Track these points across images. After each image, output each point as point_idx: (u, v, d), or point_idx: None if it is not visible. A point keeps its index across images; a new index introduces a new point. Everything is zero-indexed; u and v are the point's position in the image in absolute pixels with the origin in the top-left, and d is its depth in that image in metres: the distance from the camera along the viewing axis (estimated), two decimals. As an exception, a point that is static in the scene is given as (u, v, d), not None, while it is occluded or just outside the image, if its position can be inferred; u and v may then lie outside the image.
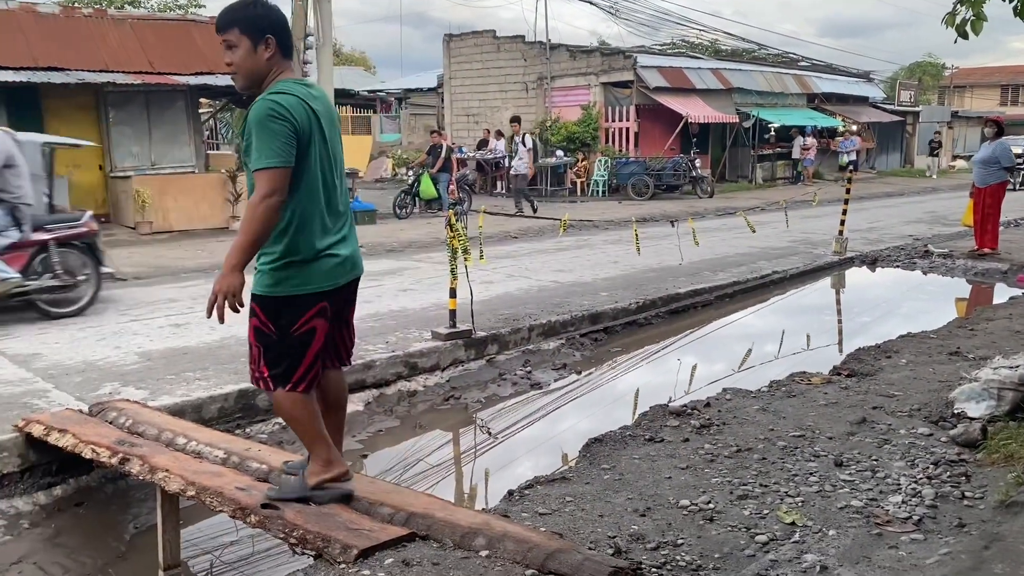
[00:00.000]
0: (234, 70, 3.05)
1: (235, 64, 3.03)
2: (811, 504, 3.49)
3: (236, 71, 3.04)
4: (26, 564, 3.73)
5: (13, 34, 13.16)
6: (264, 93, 2.99)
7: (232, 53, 3.02)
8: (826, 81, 29.19)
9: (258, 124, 2.90)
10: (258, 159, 2.90)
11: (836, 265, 11.04)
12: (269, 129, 2.89)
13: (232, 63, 3.04)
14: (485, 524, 3.02)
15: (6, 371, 5.44)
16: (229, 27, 3.02)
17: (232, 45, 3.02)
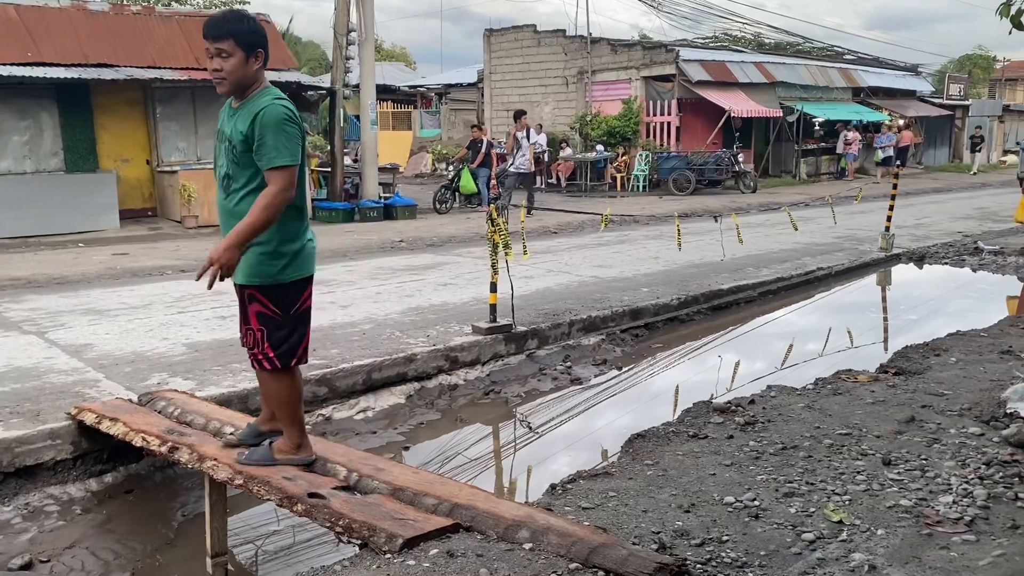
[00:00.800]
0: (223, 76, 3.27)
1: (225, 71, 3.26)
2: (859, 503, 3.43)
3: (225, 77, 3.27)
4: (79, 549, 3.81)
5: (64, 32, 13.46)
6: (268, 98, 3.27)
7: (224, 61, 3.25)
8: (872, 75, 28.66)
9: (276, 126, 3.19)
10: (277, 157, 3.19)
11: (882, 262, 10.84)
12: (285, 131, 3.21)
13: (222, 70, 3.26)
14: (529, 517, 3.02)
15: (59, 361, 5.57)
16: (224, 37, 3.25)
17: (226, 54, 3.24)
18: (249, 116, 3.24)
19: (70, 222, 12.76)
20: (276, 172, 3.19)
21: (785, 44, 30.78)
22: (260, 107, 3.23)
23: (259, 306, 3.35)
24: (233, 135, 3.28)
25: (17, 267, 9.59)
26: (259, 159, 3.21)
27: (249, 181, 3.29)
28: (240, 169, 3.29)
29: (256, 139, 3.20)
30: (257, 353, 3.40)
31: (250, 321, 3.38)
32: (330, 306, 7.31)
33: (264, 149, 3.19)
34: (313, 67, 36.53)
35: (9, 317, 6.93)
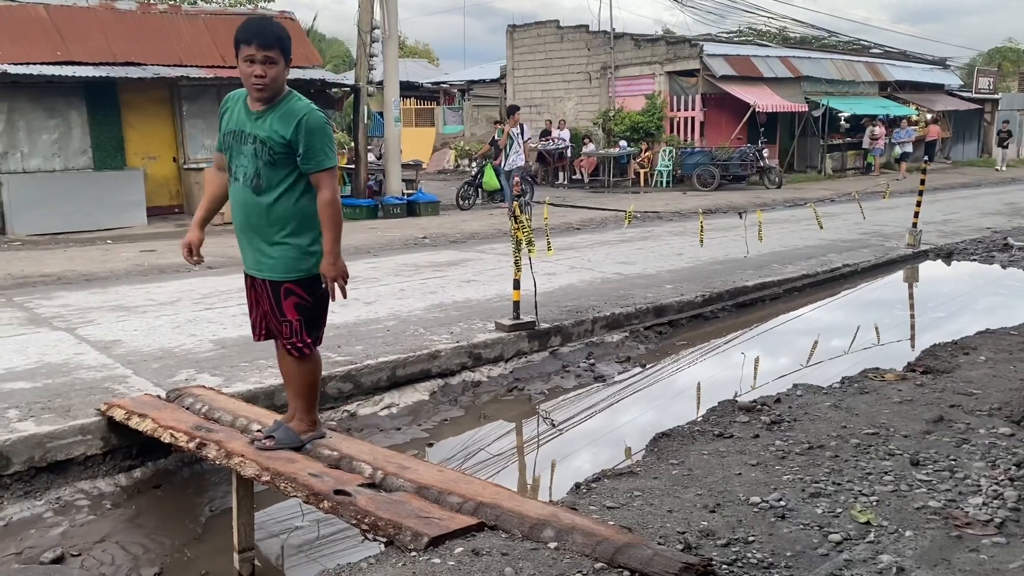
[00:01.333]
0: (266, 83, 3.36)
1: (270, 78, 3.36)
2: (886, 504, 3.40)
3: (268, 83, 3.36)
4: (109, 543, 3.87)
5: (93, 31, 13.62)
6: (302, 103, 3.44)
7: (270, 68, 3.35)
8: (899, 68, 28.31)
9: (320, 131, 3.40)
10: (326, 160, 3.42)
11: (909, 258, 10.72)
12: (328, 135, 3.45)
13: (266, 76, 3.35)
14: (553, 516, 3.02)
15: (88, 357, 5.65)
16: (274, 46, 3.36)
17: (273, 62, 3.36)
18: (290, 120, 3.38)
19: (99, 219, 12.92)
20: (326, 173, 3.43)
21: (811, 38, 30.48)
22: (300, 113, 3.39)
23: (296, 298, 3.54)
24: (271, 137, 3.38)
25: (48, 264, 9.73)
26: (307, 163, 3.41)
27: (283, 181, 3.44)
28: (274, 170, 3.42)
29: (303, 145, 3.37)
30: (296, 342, 3.59)
31: (286, 314, 3.56)
32: (354, 302, 7.34)
33: (312, 153, 3.39)
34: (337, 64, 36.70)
35: (40, 313, 7.04)
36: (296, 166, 3.43)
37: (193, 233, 3.74)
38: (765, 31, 31.58)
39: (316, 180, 3.43)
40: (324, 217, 3.45)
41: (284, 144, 3.37)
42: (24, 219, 12.40)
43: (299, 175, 3.45)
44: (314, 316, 3.63)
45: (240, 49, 3.37)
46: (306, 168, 3.42)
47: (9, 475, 4.10)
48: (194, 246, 3.74)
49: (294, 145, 3.38)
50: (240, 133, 3.47)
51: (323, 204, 3.44)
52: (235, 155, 3.51)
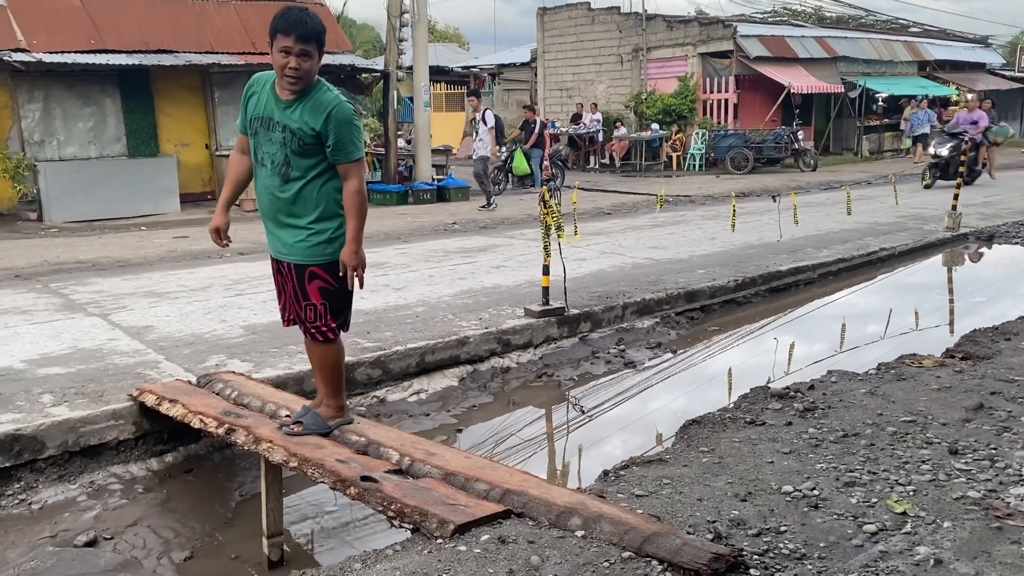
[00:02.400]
0: (300, 76, 3.35)
1: (304, 71, 3.36)
2: (924, 494, 3.31)
3: (302, 77, 3.36)
4: (141, 527, 3.90)
5: (127, 19, 13.74)
6: (331, 94, 3.44)
7: (305, 61, 3.35)
8: (939, 47, 27.64)
9: (348, 122, 3.41)
10: (355, 151, 3.45)
11: (948, 242, 10.48)
12: (356, 126, 3.47)
13: (300, 69, 3.34)
14: (581, 504, 2.98)
15: (121, 342, 5.71)
16: (312, 40, 3.37)
17: (309, 55, 3.36)
18: (319, 112, 3.38)
19: (133, 206, 13.08)
20: (354, 164, 3.47)
21: (847, 17, 29.88)
22: (329, 104, 3.39)
23: (321, 282, 3.56)
24: (301, 128, 3.39)
25: (83, 250, 9.86)
26: (337, 154, 3.43)
27: (310, 170, 3.47)
28: (302, 159, 3.45)
29: (332, 136, 3.39)
30: (320, 326, 3.61)
31: (311, 298, 3.58)
32: (384, 288, 7.35)
33: (342, 145, 3.41)
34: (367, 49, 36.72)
35: (75, 300, 7.13)
36: (324, 155, 3.45)
37: (220, 217, 3.78)
38: (800, 11, 31.02)
39: (344, 171, 3.46)
40: (349, 206, 3.47)
41: (313, 135, 3.40)
42: (60, 206, 12.58)
43: (326, 162, 3.47)
44: (339, 301, 3.63)
45: (277, 38, 3.35)
46: (335, 159, 3.45)
47: (44, 459, 4.16)
48: (222, 230, 3.79)
49: (323, 136, 3.40)
50: (268, 120, 3.47)
51: (350, 194, 3.47)
52: (262, 141, 3.52)
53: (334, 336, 3.66)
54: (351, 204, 3.47)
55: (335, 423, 3.79)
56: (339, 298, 3.62)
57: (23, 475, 4.11)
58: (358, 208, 3.48)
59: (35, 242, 10.77)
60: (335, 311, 3.62)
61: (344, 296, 3.64)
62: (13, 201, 12.97)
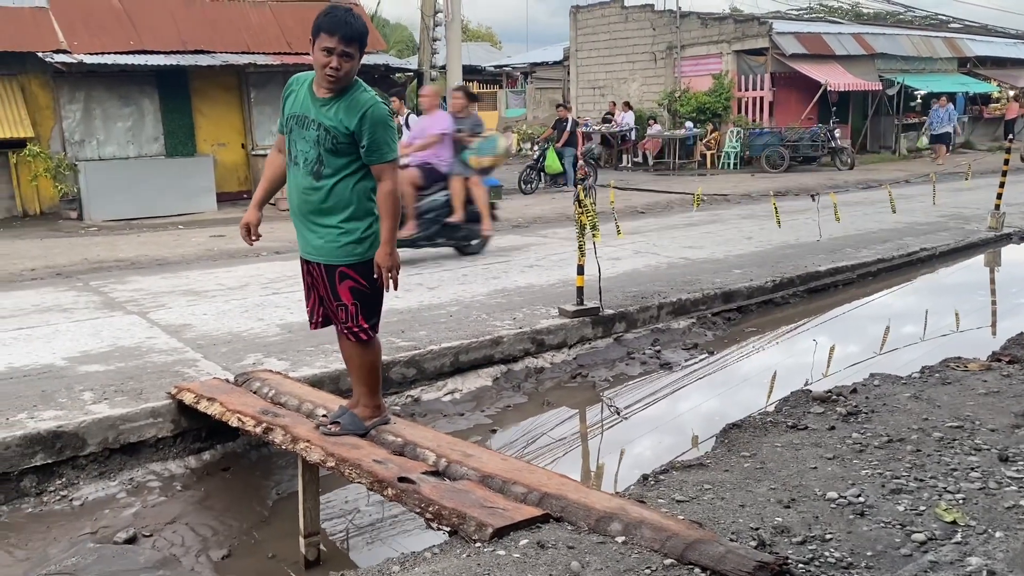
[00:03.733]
0: (340, 76, 3.36)
1: (344, 72, 3.36)
2: (973, 502, 3.22)
3: (342, 77, 3.37)
4: (179, 524, 3.93)
5: (165, 20, 13.92)
6: (368, 94, 3.44)
7: (346, 62, 3.35)
8: (980, 43, 27.07)
9: (383, 123, 3.41)
10: (388, 152, 3.44)
11: (991, 242, 10.25)
12: (391, 127, 3.47)
13: (341, 70, 3.34)
14: (621, 509, 2.94)
15: (159, 341, 5.76)
16: (354, 40, 3.36)
17: (351, 57, 3.36)
18: (355, 112, 3.38)
19: (170, 205, 13.24)
20: (388, 165, 3.45)
21: (885, 14, 29.41)
22: (365, 104, 3.39)
23: (351, 282, 3.54)
24: (336, 127, 3.39)
25: (122, 249, 10.00)
26: (371, 155, 3.43)
27: (343, 168, 3.46)
28: (335, 157, 3.44)
29: (367, 136, 3.39)
30: (352, 326, 3.60)
31: (342, 298, 3.56)
32: (417, 287, 7.35)
33: (376, 145, 3.41)
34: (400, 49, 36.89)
35: (115, 298, 7.22)
36: (357, 154, 3.44)
37: (251, 213, 3.79)
38: (837, 7, 30.59)
39: (378, 172, 3.46)
40: (383, 208, 3.46)
41: (347, 134, 3.39)
42: (100, 205, 12.77)
43: (359, 162, 3.46)
44: (371, 301, 3.61)
45: (320, 37, 3.34)
46: (369, 160, 3.44)
47: (84, 456, 4.20)
48: (252, 226, 3.79)
49: (358, 136, 3.39)
50: (304, 118, 3.48)
51: (383, 195, 3.46)
52: (296, 139, 3.52)
53: (367, 337, 3.64)
54: (385, 205, 3.46)
55: (372, 423, 3.78)
56: (371, 298, 3.60)
57: (65, 471, 4.16)
58: (392, 209, 3.46)
59: (75, 240, 10.94)
60: (367, 312, 3.61)
61: (376, 296, 3.62)
62: (54, 200, 13.21)
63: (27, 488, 4.06)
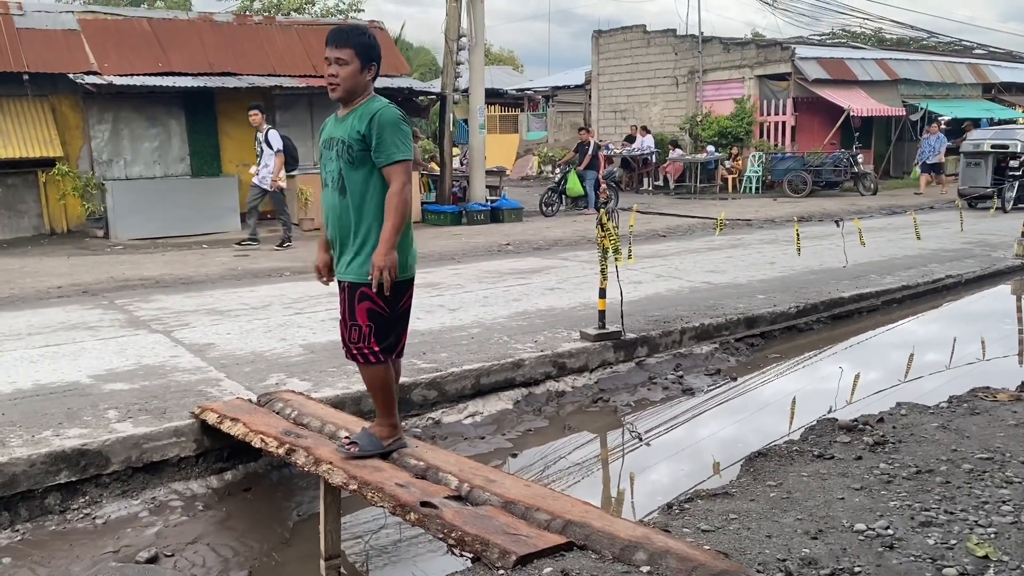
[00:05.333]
0: (337, 82, 3.49)
1: (340, 78, 3.49)
2: (1006, 536, 3.16)
3: (339, 83, 3.50)
4: (200, 544, 3.93)
5: (192, 42, 14.13)
6: (381, 103, 3.51)
7: (340, 67, 3.48)
8: (1005, 69, 26.95)
9: (392, 125, 3.44)
10: (397, 152, 3.45)
11: (1018, 269, 10.13)
12: (402, 130, 3.48)
13: (337, 76, 3.49)
14: (645, 538, 2.91)
15: (183, 360, 5.79)
16: (344, 46, 3.49)
17: (343, 62, 3.48)
18: (365, 117, 3.47)
19: (195, 224, 13.37)
20: (395, 167, 3.45)
21: (908, 39, 29.34)
22: (375, 109, 3.48)
23: (370, 303, 3.53)
24: (349, 136, 3.48)
25: (147, 268, 10.09)
26: (378, 156, 3.45)
27: (365, 182, 3.52)
28: (354, 170, 3.50)
29: (375, 138, 3.44)
30: (363, 347, 3.58)
31: (356, 318, 3.56)
32: (439, 309, 7.36)
33: (383, 146, 3.44)
34: (424, 72, 37.20)
35: (139, 316, 7.28)
36: (375, 167, 3.49)
37: (321, 255, 3.85)
38: (860, 33, 30.56)
39: (387, 173, 3.46)
40: (389, 207, 3.44)
41: (360, 140, 3.45)
42: (126, 224, 12.92)
43: (380, 178, 3.49)
44: (386, 324, 3.58)
45: (325, 54, 3.54)
46: (378, 160, 3.46)
47: (108, 474, 4.22)
48: (323, 267, 3.85)
49: (368, 140, 3.44)
50: (329, 140, 3.61)
51: (390, 194, 3.45)
52: (324, 162, 3.63)
53: (375, 359, 3.60)
54: (391, 204, 3.43)
55: (388, 444, 3.77)
56: (386, 322, 3.57)
57: (88, 489, 4.18)
58: (397, 209, 3.42)
59: (102, 259, 11.07)
60: (380, 334, 3.57)
61: (392, 320, 3.59)
62: (82, 218, 13.39)
63: (51, 506, 4.08)
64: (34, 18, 13.33)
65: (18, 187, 13.22)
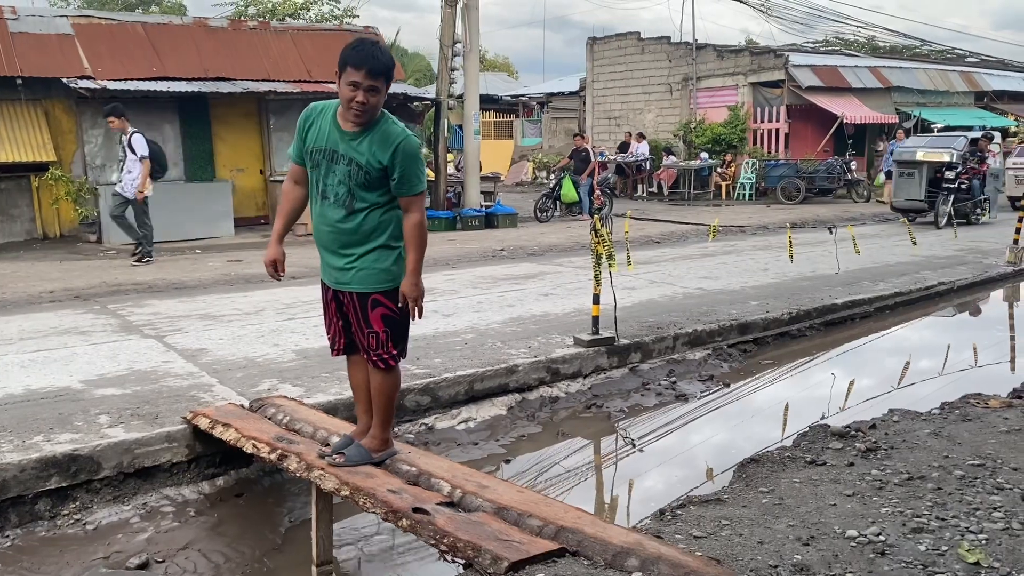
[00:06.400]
0: (367, 109, 3.37)
1: (372, 106, 3.37)
2: (996, 543, 3.17)
3: (370, 110, 3.38)
4: (191, 550, 3.91)
5: (186, 47, 14.12)
6: (397, 127, 3.47)
7: (373, 96, 3.35)
8: (997, 78, 27.11)
9: (415, 158, 3.46)
10: (419, 184, 3.49)
11: (1010, 276, 10.18)
12: (421, 160, 3.52)
13: (368, 104, 3.35)
14: (638, 544, 2.91)
15: (176, 365, 5.78)
16: (381, 74, 3.36)
17: (377, 91, 3.36)
18: (387, 146, 3.40)
19: (189, 229, 13.33)
20: (416, 198, 3.50)
21: (901, 47, 29.49)
22: (397, 138, 3.42)
23: (384, 309, 3.55)
24: (369, 162, 3.40)
25: (140, 273, 10.07)
26: (401, 187, 3.45)
27: (374, 201, 3.48)
28: (366, 191, 3.46)
29: (399, 170, 3.42)
30: (383, 353, 3.59)
31: (373, 325, 3.56)
32: (433, 315, 7.35)
33: (407, 179, 3.44)
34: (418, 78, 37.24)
35: (132, 321, 7.26)
36: (387, 187, 3.45)
37: (274, 249, 3.73)
38: (853, 40, 30.71)
39: (407, 203, 3.48)
40: (410, 239, 3.48)
41: (380, 168, 3.41)
42: (119, 229, 12.85)
43: (389, 193, 3.48)
44: (400, 327, 3.62)
45: (347, 71, 3.32)
46: (399, 192, 3.46)
47: (99, 480, 4.20)
48: (279, 262, 3.75)
49: (390, 170, 3.41)
50: (332, 152, 3.45)
51: (411, 226, 3.48)
52: (325, 173, 3.48)
53: (395, 363, 3.63)
54: (412, 236, 3.48)
55: (379, 456, 3.73)
56: (400, 325, 3.61)
57: (79, 495, 4.16)
58: (419, 240, 3.48)
59: (94, 263, 11.03)
60: (396, 338, 3.61)
61: (405, 323, 3.64)
62: (74, 223, 13.34)
63: (41, 511, 4.06)
64: (28, 22, 13.30)
65: (11, 191, 13.17)
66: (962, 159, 14.26)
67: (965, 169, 14.24)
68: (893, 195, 15.34)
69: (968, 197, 14.48)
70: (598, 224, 6.24)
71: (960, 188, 14.23)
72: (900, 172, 14.90)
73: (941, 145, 14.85)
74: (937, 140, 15.65)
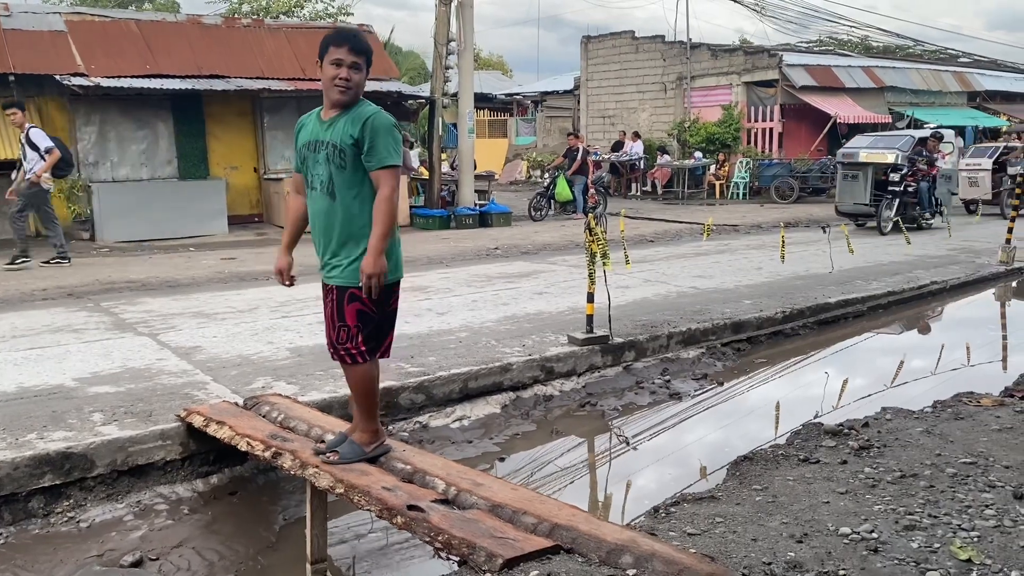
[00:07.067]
0: (350, 87, 3.48)
1: (354, 83, 3.49)
2: (988, 540, 3.19)
3: (352, 88, 3.49)
4: (186, 548, 3.90)
5: (180, 45, 14.09)
6: (372, 107, 3.54)
7: (356, 73, 3.48)
8: (989, 78, 27.23)
9: (385, 130, 3.46)
10: (387, 157, 3.46)
11: (1002, 276, 10.23)
12: (393, 135, 3.50)
13: (351, 80, 3.47)
14: (632, 541, 2.91)
15: (169, 363, 5.77)
16: (362, 53, 3.51)
17: (359, 68, 3.50)
18: (358, 122, 3.46)
19: (182, 227, 13.31)
20: (385, 172, 3.45)
21: (895, 47, 29.58)
22: (368, 114, 3.48)
23: (359, 305, 3.54)
24: (341, 140, 3.46)
25: (133, 270, 10.05)
26: (369, 160, 3.45)
27: (355, 185, 3.51)
28: (344, 174, 3.49)
29: (367, 142, 3.44)
30: (350, 347, 3.59)
31: (345, 319, 3.57)
32: (427, 313, 7.36)
33: (375, 151, 3.44)
34: (412, 77, 37.21)
35: (125, 319, 7.25)
36: (365, 171, 3.48)
37: (282, 259, 3.89)
38: (847, 40, 30.80)
39: (376, 177, 3.46)
40: (377, 213, 3.43)
41: (353, 145, 3.44)
42: (112, 226, 12.85)
43: (369, 182, 3.49)
44: (375, 326, 3.60)
45: (329, 52, 3.47)
46: (368, 165, 3.46)
47: (92, 477, 4.19)
48: (285, 271, 3.89)
49: (360, 144, 3.44)
50: (315, 143, 3.57)
51: (379, 200, 3.45)
52: (311, 165, 3.59)
53: (362, 360, 3.61)
54: (379, 211, 3.43)
55: (371, 450, 3.74)
56: (374, 323, 3.59)
57: (72, 493, 4.15)
58: (385, 215, 3.43)
59: (87, 261, 11.01)
60: (368, 335, 3.59)
61: (380, 322, 3.62)
62: (67, 221, 13.28)
63: (35, 509, 4.05)
64: (20, 19, 13.26)
65: (3, 189, 13.11)
66: (908, 160, 13.40)
67: (911, 171, 13.34)
68: (837, 199, 14.56)
69: (915, 201, 13.60)
70: (592, 223, 6.25)
71: (906, 191, 13.32)
72: (844, 175, 14.09)
73: (885, 145, 14.00)
74: (881, 140, 14.85)
